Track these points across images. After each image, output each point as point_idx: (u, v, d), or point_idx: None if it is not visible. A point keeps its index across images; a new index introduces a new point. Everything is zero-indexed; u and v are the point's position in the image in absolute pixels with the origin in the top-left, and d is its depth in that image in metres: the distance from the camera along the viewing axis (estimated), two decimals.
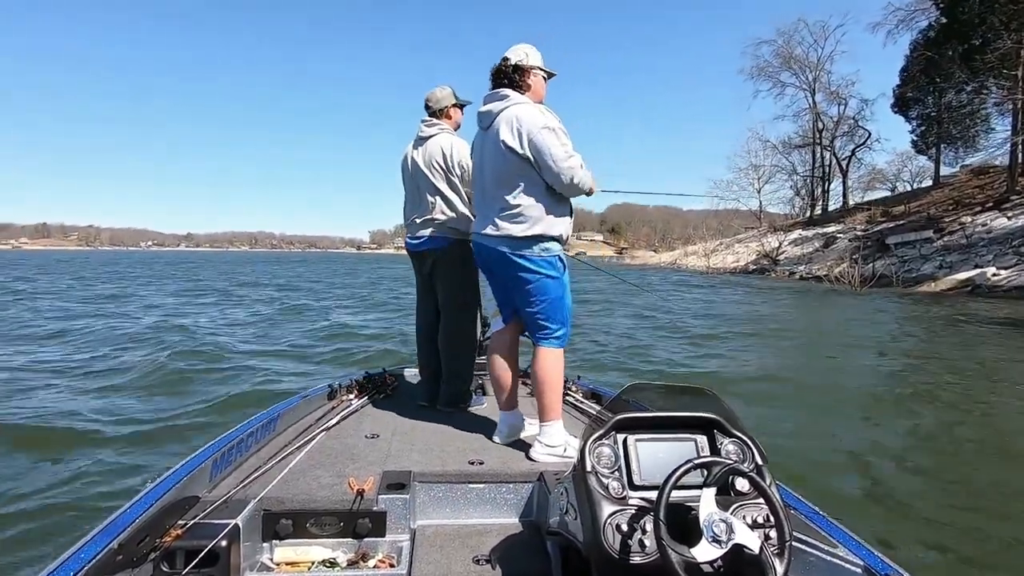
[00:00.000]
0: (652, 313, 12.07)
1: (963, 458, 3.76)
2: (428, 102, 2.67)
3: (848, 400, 5.18)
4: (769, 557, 1.05)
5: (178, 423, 4.11)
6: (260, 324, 10.15)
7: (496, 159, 2.03)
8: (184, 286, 19.98)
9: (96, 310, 11.88)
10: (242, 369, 6.00)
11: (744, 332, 9.44)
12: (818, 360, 7.40)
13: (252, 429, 2.00)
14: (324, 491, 1.70)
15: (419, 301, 2.84)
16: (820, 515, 1.46)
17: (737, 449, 1.32)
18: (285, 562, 1.56)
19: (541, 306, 2.06)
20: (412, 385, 3.11)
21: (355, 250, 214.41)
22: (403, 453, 2.05)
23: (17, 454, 3.40)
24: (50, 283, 20.43)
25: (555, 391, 2.06)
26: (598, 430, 1.29)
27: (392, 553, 1.61)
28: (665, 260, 47.89)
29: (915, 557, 2.40)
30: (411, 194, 2.69)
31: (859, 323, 10.98)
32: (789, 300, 16.25)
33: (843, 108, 38.05)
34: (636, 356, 7.26)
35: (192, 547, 1.34)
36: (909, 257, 21.35)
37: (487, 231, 2.07)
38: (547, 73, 2.20)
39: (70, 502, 2.78)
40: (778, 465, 1.70)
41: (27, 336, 8.18)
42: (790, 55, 38.71)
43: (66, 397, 4.77)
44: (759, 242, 34.62)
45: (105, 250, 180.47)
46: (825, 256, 26.62)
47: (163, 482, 1.48)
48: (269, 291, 18.39)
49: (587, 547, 1.19)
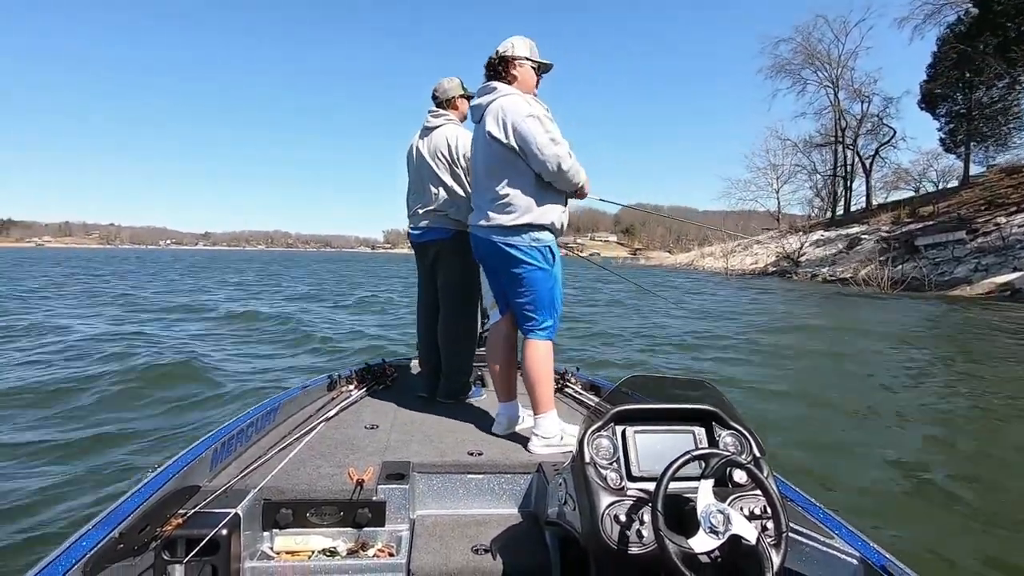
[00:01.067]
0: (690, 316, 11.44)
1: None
2: (436, 92, 2.67)
3: (895, 415, 4.63)
4: (766, 548, 1.05)
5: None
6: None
7: (485, 151, 2.05)
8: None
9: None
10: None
11: (771, 339, 8.78)
12: (854, 370, 6.73)
13: (252, 419, 2.01)
14: (324, 481, 1.69)
15: (421, 292, 2.82)
16: (816, 506, 1.47)
17: (735, 441, 1.33)
18: (285, 551, 1.56)
19: (529, 297, 2.06)
20: (412, 376, 3.11)
21: (369, 250, 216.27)
22: (403, 444, 2.05)
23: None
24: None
25: (545, 383, 2.06)
26: (597, 421, 1.30)
27: (391, 543, 1.62)
28: (681, 261, 47.00)
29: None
30: (415, 184, 2.67)
31: (892, 328, 10.22)
32: (816, 305, 15.44)
33: (866, 106, 36.88)
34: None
35: (193, 536, 1.34)
36: (940, 259, 20.34)
37: (480, 222, 2.08)
38: (538, 64, 2.19)
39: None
40: (786, 463, 1.87)
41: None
42: (811, 51, 37.61)
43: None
44: (778, 243, 33.67)
45: (126, 248, 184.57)
46: (849, 258, 25.62)
47: (164, 471, 1.49)
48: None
49: (585, 537, 1.20)
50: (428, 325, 2.76)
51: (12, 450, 3.39)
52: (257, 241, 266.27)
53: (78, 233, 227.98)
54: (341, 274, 31.75)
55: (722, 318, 11.47)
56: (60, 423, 3.99)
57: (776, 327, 10.24)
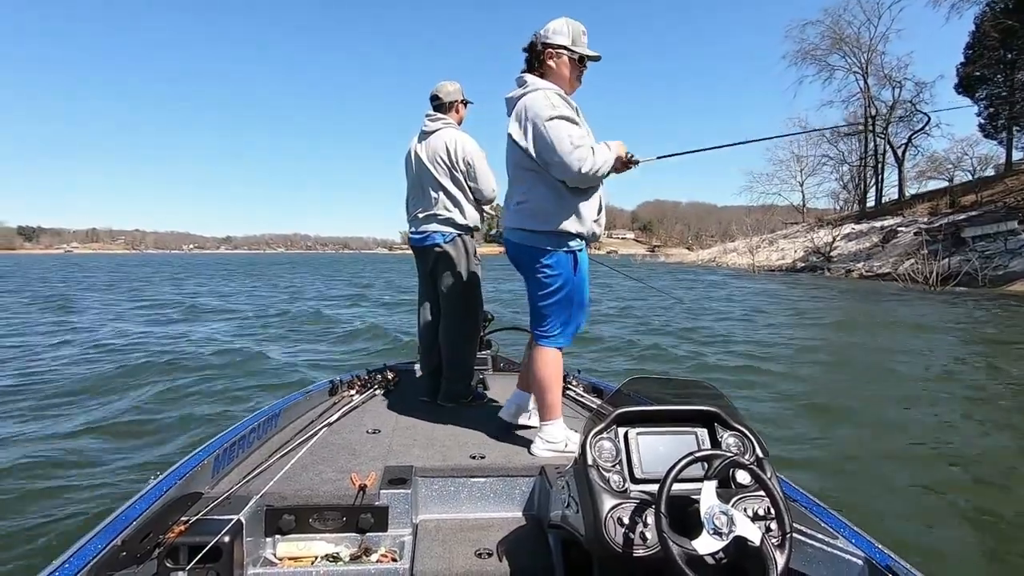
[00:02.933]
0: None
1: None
2: (438, 94, 2.64)
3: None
4: (770, 549, 1.05)
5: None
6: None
7: (509, 152, 1.98)
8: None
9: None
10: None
11: (815, 343, 7.72)
12: (910, 376, 5.68)
13: (254, 425, 2.00)
14: (326, 486, 1.68)
15: (422, 296, 2.81)
16: (820, 506, 1.46)
17: (737, 442, 1.32)
18: (288, 557, 1.55)
19: (544, 303, 1.99)
20: (413, 380, 3.08)
21: (387, 250, 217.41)
22: (405, 448, 2.03)
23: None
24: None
25: (553, 391, 2.02)
26: (599, 424, 1.30)
27: (394, 547, 1.61)
28: (704, 257, 45.49)
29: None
30: (414, 188, 2.67)
31: (952, 331, 9.05)
32: (858, 302, 14.21)
33: (898, 92, 35.03)
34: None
35: (195, 543, 1.33)
36: (991, 252, 18.81)
37: (510, 225, 2.03)
38: (578, 55, 1.96)
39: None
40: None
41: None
42: (840, 35, 35.86)
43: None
44: (805, 237, 32.17)
45: (151, 253, 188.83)
46: (886, 252, 24.13)
47: (166, 479, 1.49)
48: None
49: (589, 540, 1.19)
50: (429, 328, 2.75)
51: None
52: (277, 244, 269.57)
53: (104, 239, 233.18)
54: (386, 276, 30.32)
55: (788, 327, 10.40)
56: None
57: (858, 340, 9.15)
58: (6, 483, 3.00)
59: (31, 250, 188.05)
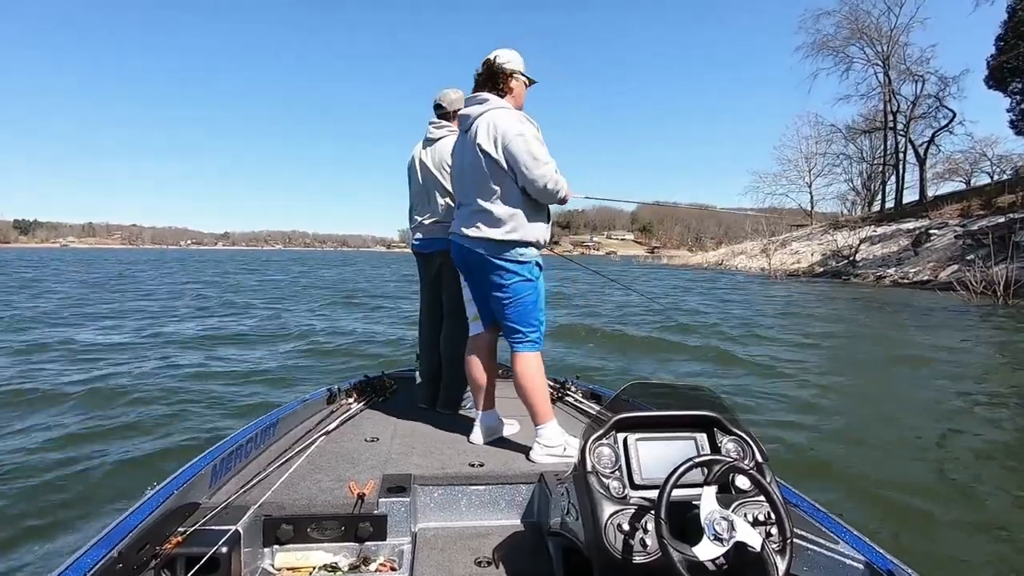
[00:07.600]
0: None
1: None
2: (441, 102, 2.66)
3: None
4: (771, 554, 1.06)
5: None
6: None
7: (475, 163, 2.06)
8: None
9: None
10: None
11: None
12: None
13: (251, 434, 1.99)
14: (325, 495, 1.69)
15: (423, 303, 2.84)
16: (821, 511, 1.45)
17: (737, 447, 1.32)
18: (286, 567, 1.55)
19: (516, 310, 2.08)
20: (411, 388, 3.01)
21: (385, 248, 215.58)
22: (403, 456, 2.04)
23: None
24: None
25: (540, 394, 2.07)
26: (598, 430, 1.30)
27: (393, 556, 1.62)
28: (710, 260, 43.11)
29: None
30: (419, 195, 2.70)
31: None
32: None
33: (921, 86, 32.68)
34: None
35: (193, 554, 1.33)
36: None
37: (467, 232, 2.09)
38: (528, 80, 2.23)
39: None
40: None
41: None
42: (858, 25, 33.53)
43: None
44: (821, 240, 29.90)
45: (148, 248, 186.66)
46: (920, 257, 21.84)
47: (163, 489, 1.47)
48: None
49: (589, 547, 1.20)
50: (430, 334, 2.76)
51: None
52: (275, 241, 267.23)
53: (101, 234, 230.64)
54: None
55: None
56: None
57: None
58: (0, 491, 2.90)
59: (26, 244, 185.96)
